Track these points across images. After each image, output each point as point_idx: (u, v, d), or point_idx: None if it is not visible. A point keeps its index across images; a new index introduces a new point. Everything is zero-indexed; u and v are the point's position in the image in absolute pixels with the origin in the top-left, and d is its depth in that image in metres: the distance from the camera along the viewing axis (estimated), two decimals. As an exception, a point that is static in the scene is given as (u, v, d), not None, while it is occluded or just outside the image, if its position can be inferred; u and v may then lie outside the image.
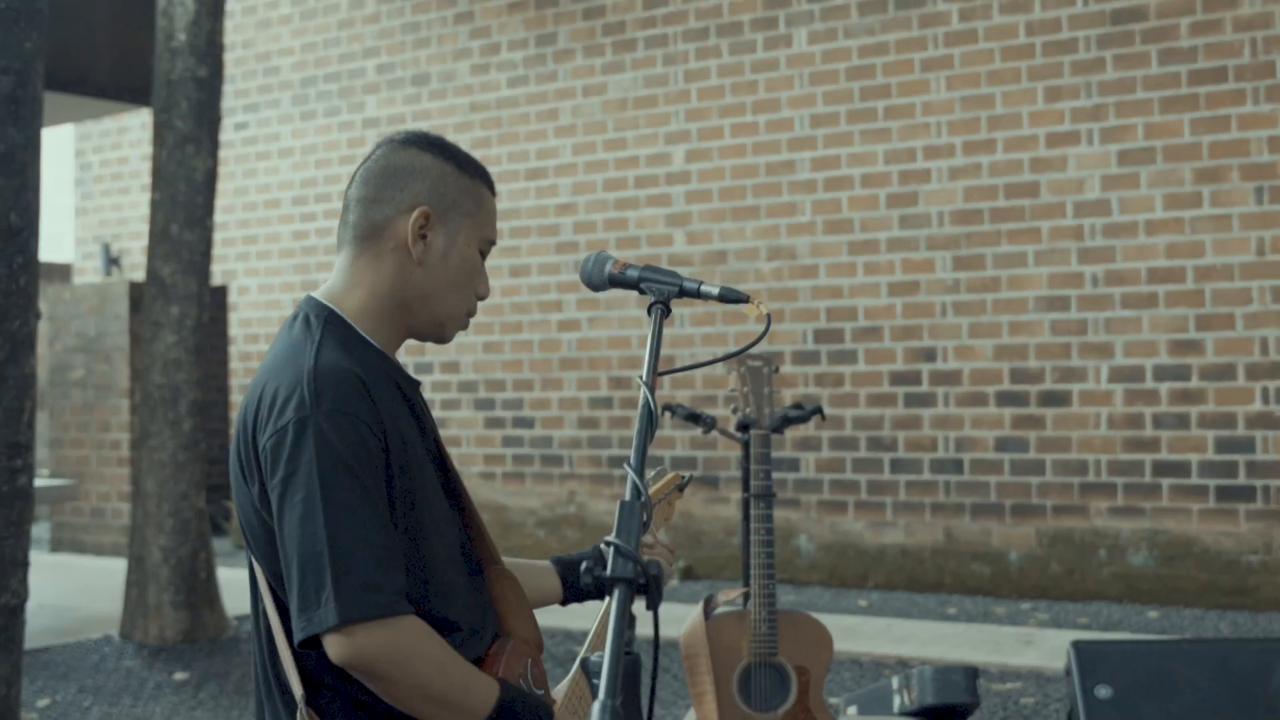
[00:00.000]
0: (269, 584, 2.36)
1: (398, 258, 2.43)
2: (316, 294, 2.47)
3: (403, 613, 2.22)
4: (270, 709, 2.41)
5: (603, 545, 2.81)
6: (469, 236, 2.47)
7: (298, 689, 2.31)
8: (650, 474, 3.04)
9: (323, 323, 2.39)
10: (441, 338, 2.53)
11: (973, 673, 5.22)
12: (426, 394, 2.39)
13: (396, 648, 2.20)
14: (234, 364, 12.47)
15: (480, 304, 2.54)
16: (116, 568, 10.42)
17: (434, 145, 2.48)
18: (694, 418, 4.96)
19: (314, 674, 2.31)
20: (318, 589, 2.18)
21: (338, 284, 2.46)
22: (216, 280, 12.27)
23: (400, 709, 2.25)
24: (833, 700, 6.11)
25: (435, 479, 2.43)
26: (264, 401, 2.31)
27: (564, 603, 2.79)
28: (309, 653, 2.29)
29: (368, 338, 2.42)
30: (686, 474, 3.09)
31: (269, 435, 2.27)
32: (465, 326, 2.55)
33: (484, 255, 2.52)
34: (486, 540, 2.55)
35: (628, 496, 2.05)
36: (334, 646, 2.20)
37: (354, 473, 2.23)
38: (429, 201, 2.43)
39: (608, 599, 2.72)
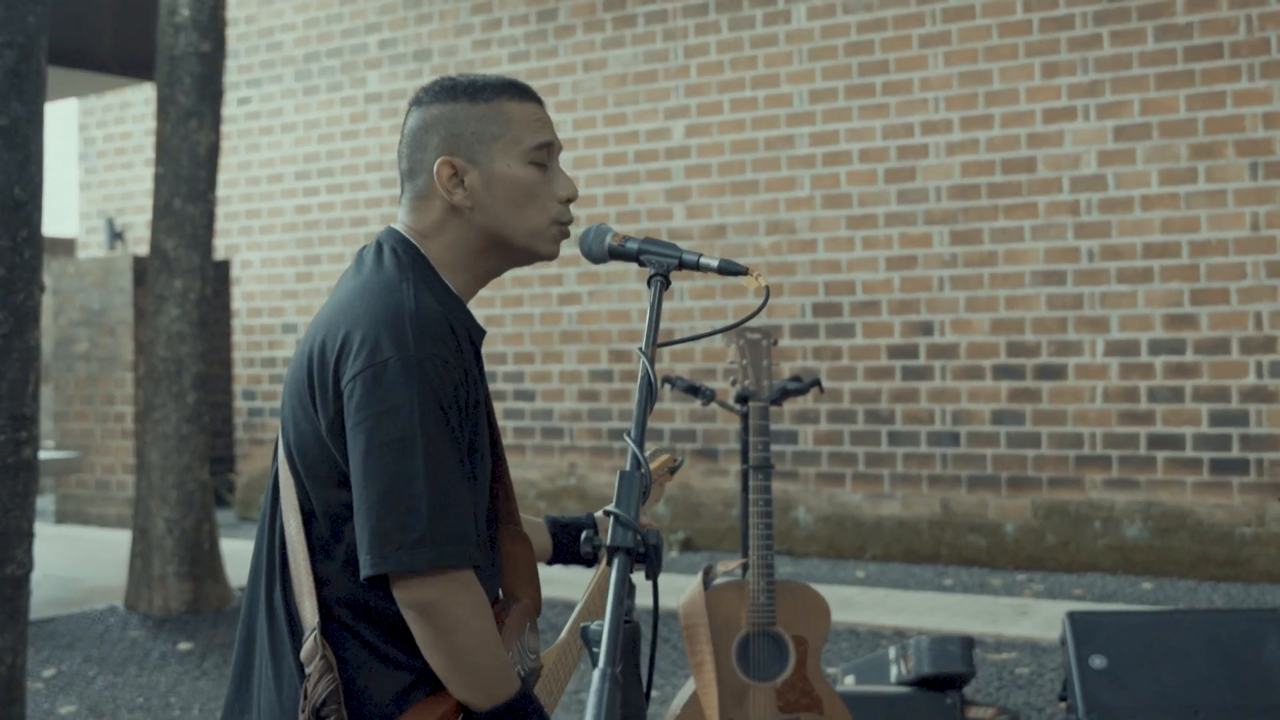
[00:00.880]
0: (302, 511, 2.34)
1: (452, 212, 2.42)
2: (398, 228, 2.45)
3: (475, 564, 2.24)
4: (269, 637, 2.38)
5: (602, 514, 2.86)
6: (506, 159, 2.41)
7: (312, 617, 2.30)
8: (646, 452, 3.08)
9: (412, 261, 2.39)
10: (540, 255, 2.48)
11: (969, 643, 5.28)
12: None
13: (463, 603, 2.22)
14: (237, 337, 12.51)
15: None
16: (121, 539, 10.49)
17: (442, 92, 2.44)
18: (693, 390, 5.00)
19: (328, 607, 2.31)
20: (404, 528, 2.18)
21: (414, 224, 2.45)
22: (219, 254, 12.33)
23: (429, 658, 2.26)
24: (830, 670, 6.18)
25: (486, 431, 2.43)
26: (356, 332, 2.27)
27: (550, 563, 2.81)
28: (328, 581, 2.30)
29: (448, 285, 2.42)
30: (681, 457, 3.12)
31: (363, 367, 2.24)
32: (563, 234, 2.48)
33: (543, 163, 2.44)
34: (511, 498, 2.55)
35: (628, 467, 2.07)
36: (412, 588, 2.20)
37: (448, 421, 2.24)
38: (447, 151, 2.40)
39: (595, 569, 2.77)
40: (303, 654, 2.30)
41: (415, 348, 2.24)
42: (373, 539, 2.20)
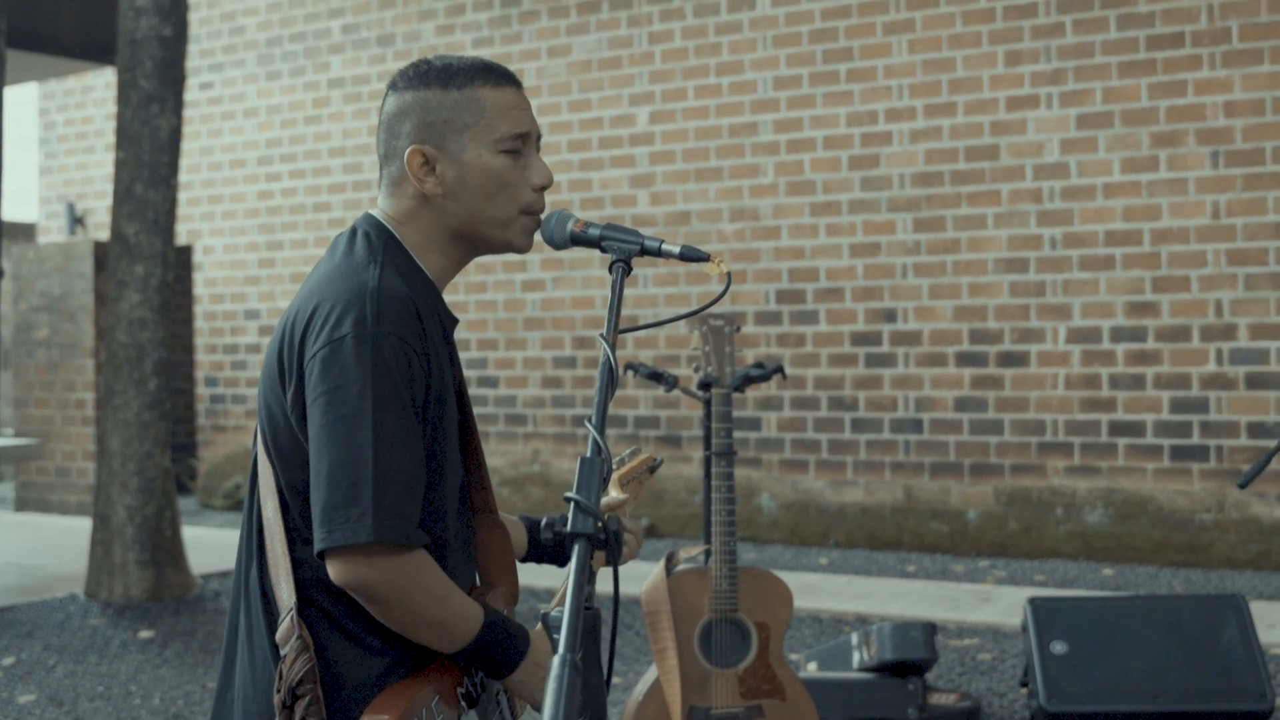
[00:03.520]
0: (279, 490, 2.35)
1: (424, 200, 2.42)
2: (375, 213, 2.46)
3: (420, 544, 2.23)
4: (246, 619, 2.40)
5: (564, 500, 2.85)
6: (478, 147, 2.39)
7: (288, 598, 2.30)
8: (625, 452, 3.08)
9: (384, 244, 2.39)
10: (512, 246, 2.50)
11: (931, 629, 5.30)
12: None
13: (404, 578, 2.21)
14: (199, 323, 12.45)
15: None
16: (81, 527, 10.42)
17: (416, 77, 2.43)
18: (656, 376, 5.01)
19: (306, 589, 2.31)
20: (349, 504, 2.18)
21: (389, 209, 2.45)
22: (181, 240, 12.25)
23: (389, 626, 2.28)
24: (793, 656, 6.19)
25: (455, 417, 2.43)
26: (320, 310, 2.29)
27: (524, 559, 2.80)
28: (305, 563, 2.30)
29: (423, 269, 2.42)
30: (659, 457, 3.12)
31: (322, 344, 2.25)
32: (535, 225, 2.49)
33: (518, 151, 2.42)
34: (486, 486, 2.55)
35: (589, 453, 2.07)
36: (345, 565, 2.20)
37: (402, 399, 2.24)
38: (418, 139, 2.39)
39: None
40: (278, 635, 2.30)
41: (372, 326, 2.24)
42: (321, 515, 2.21)
